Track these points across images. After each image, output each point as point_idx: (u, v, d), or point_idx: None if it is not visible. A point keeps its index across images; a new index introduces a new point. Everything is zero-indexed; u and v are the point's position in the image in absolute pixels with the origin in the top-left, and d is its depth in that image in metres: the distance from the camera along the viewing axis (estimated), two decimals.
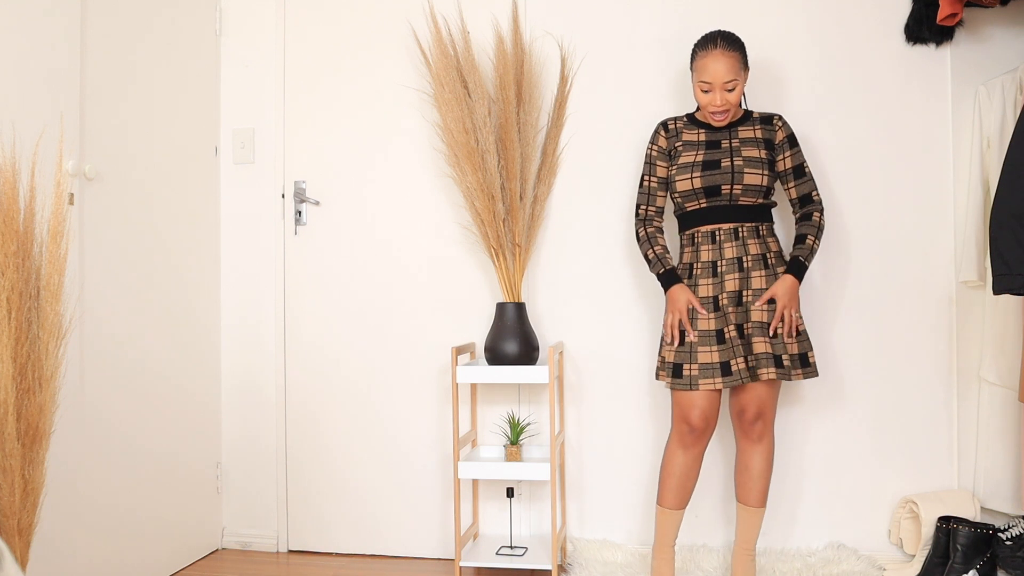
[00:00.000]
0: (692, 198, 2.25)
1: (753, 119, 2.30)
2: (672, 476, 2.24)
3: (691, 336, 2.19)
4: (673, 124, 2.34)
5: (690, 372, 2.19)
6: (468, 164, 2.53)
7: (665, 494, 2.26)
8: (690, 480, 2.25)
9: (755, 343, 2.17)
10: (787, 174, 2.31)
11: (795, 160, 2.30)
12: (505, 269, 2.57)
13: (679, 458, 2.23)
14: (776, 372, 2.15)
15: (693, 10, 2.65)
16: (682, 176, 2.25)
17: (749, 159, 2.22)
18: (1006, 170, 1.91)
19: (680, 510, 2.26)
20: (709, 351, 2.18)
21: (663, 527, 2.28)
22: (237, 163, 2.95)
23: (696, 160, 2.24)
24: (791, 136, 2.30)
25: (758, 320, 2.17)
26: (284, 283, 2.91)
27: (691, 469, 2.24)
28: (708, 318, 2.20)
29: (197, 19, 2.83)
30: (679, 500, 2.25)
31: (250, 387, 2.92)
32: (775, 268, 2.23)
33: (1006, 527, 2.32)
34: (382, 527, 2.81)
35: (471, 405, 2.72)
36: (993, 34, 2.48)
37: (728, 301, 2.20)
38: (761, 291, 2.20)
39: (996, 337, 2.34)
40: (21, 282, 1.75)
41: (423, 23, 2.81)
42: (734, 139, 2.25)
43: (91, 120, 2.31)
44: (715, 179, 2.21)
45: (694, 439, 2.21)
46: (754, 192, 2.22)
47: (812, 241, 2.25)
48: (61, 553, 2.17)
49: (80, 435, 2.24)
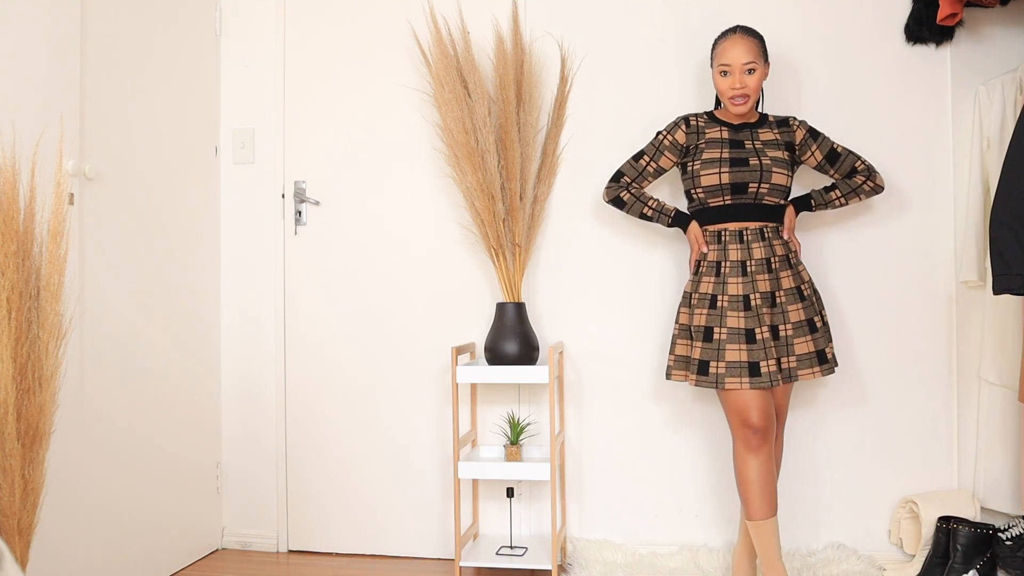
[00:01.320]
0: (717, 194, 2.23)
1: (770, 122, 2.31)
2: (752, 484, 2.12)
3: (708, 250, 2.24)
4: (695, 120, 2.32)
5: (716, 370, 2.15)
6: (468, 164, 2.53)
7: (752, 506, 2.12)
8: (770, 483, 2.12)
9: (797, 343, 2.17)
10: (823, 165, 2.33)
11: (823, 149, 2.31)
12: (505, 269, 2.57)
13: (752, 463, 2.12)
14: (822, 369, 2.18)
15: (693, 10, 2.65)
16: (708, 171, 2.22)
17: (776, 159, 2.23)
18: (1006, 170, 1.91)
19: (773, 517, 2.12)
20: (738, 349, 2.14)
21: (764, 541, 2.12)
22: (237, 163, 2.95)
23: (723, 156, 2.23)
24: (811, 130, 2.32)
25: (797, 320, 2.18)
26: (284, 283, 2.91)
27: (767, 471, 2.12)
28: (739, 316, 2.17)
29: (197, 19, 2.83)
30: (768, 507, 2.11)
31: (250, 387, 2.92)
32: (797, 267, 2.24)
33: (1006, 527, 2.32)
34: (382, 527, 2.81)
35: (471, 405, 2.72)
36: (993, 34, 2.48)
37: (761, 301, 2.17)
38: (792, 290, 2.20)
39: (996, 337, 2.34)
40: (21, 282, 1.75)
41: (423, 23, 2.81)
42: (756, 140, 2.26)
43: (91, 120, 2.31)
44: (743, 176, 2.20)
45: (759, 440, 2.11)
46: (779, 192, 2.23)
47: (835, 194, 2.32)
48: (61, 553, 2.17)
49: (80, 435, 2.24)
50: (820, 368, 2.18)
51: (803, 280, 2.23)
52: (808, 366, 2.17)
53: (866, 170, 2.33)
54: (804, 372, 2.17)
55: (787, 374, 2.17)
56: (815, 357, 2.18)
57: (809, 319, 2.19)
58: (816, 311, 2.22)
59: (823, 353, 2.19)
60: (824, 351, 2.19)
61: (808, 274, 2.27)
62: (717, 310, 2.18)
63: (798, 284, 2.22)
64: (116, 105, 2.41)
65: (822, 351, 2.19)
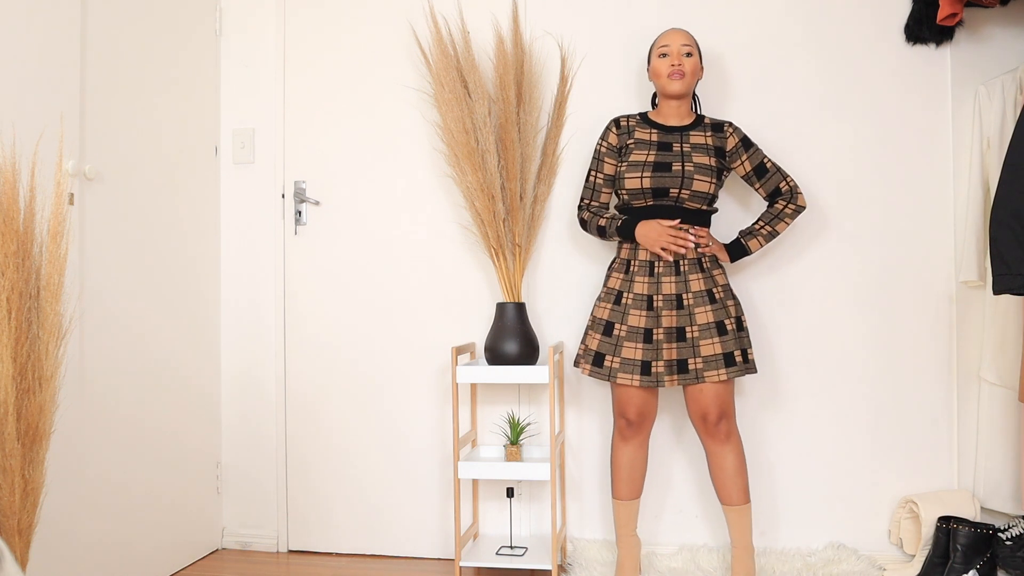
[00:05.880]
0: (639, 197, 2.27)
1: (704, 124, 2.33)
2: (621, 469, 2.34)
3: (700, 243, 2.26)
4: (626, 121, 2.37)
5: (611, 364, 2.26)
6: (468, 164, 2.53)
7: (618, 486, 2.36)
8: (637, 471, 2.35)
9: (703, 345, 2.21)
10: (750, 176, 2.34)
11: (753, 161, 2.33)
12: (505, 269, 2.57)
13: (622, 451, 2.33)
14: (728, 372, 2.20)
15: (693, 10, 2.65)
16: (632, 174, 2.27)
17: (699, 166, 2.25)
18: (1006, 170, 1.91)
19: (635, 500, 2.36)
20: (634, 347, 2.24)
21: (621, 518, 2.37)
22: (237, 163, 2.95)
23: (647, 160, 2.26)
24: (744, 139, 2.33)
25: (704, 322, 2.22)
26: (284, 284, 2.91)
27: (636, 459, 2.34)
28: (640, 315, 2.24)
29: (197, 19, 2.83)
30: (632, 491, 2.36)
31: (251, 387, 2.92)
32: (711, 271, 2.27)
33: (1006, 527, 2.32)
34: (382, 527, 2.81)
35: (471, 405, 2.72)
36: (993, 34, 2.48)
37: (664, 303, 2.23)
38: (701, 293, 2.24)
39: (996, 337, 2.34)
40: (21, 282, 1.75)
41: (423, 23, 2.81)
42: (685, 143, 2.28)
43: (91, 120, 2.31)
44: (664, 181, 2.24)
45: (632, 432, 2.31)
46: (700, 198, 2.26)
47: (759, 225, 2.32)
48: (61, 553, 2.17)
49: (80, 435, 2.24)
50: (727, 370, 2.20)
51: (716, 284, 2.26)
52: (714, 367, 2.20)
53: (789, 192, 2.33)
54: (710, 373, 2.20)
55: (693, 375, 2.21)
56: (722, 359, 2.20)
57: (719, 321, 2.22)
58: (728, 315, 2.24)
59: (731, 355, 2.21)
60: (732, 354, 2.21)
61: (725, 279, 2.29)
62: (621, 307, 2.26)
63: (709, 287, 2.25)
64: (116, 105, 2.41)
65: (730, 353, 2.21)
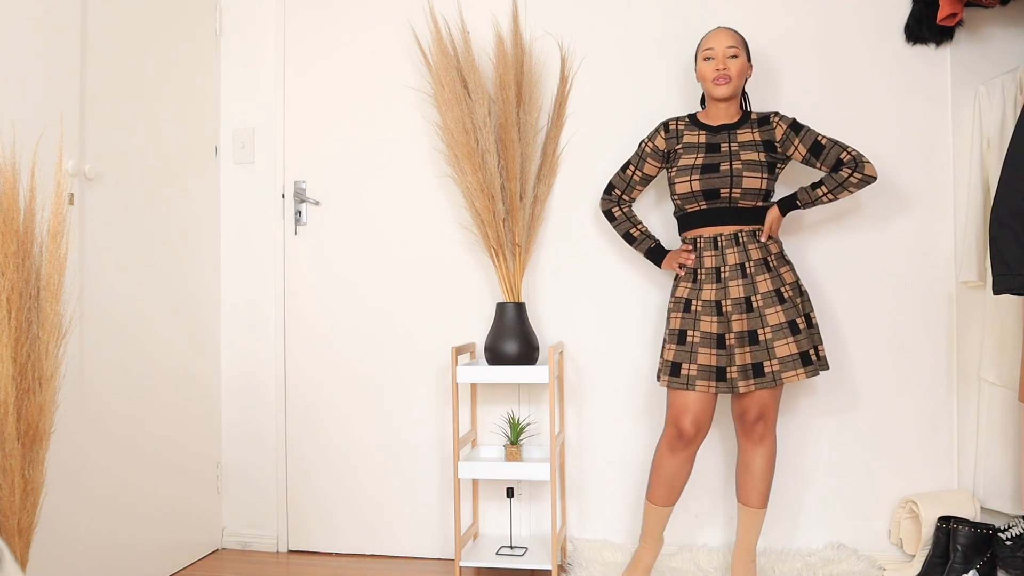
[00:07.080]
0: (691, 200, 2.26)
1: (751, 121, 2.30)
2: (661, 477, 2.27)
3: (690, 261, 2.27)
4: (675, 125, 2.35)
5: (688, 372, 2.20)
6: (468, 164, 2.53)
7: (655, 491, 2.29)
8: (679, 480, 2.27)
9: (778, 346, 2.17)
10: (808, 159, 2.28)
11: (807, 142, 2.26)
12: (505, 269, 2.57)
13: (667, 461, 2.26)
14: (806, 372, 2.16)
15: (693, 10, 2.65)
16: (681, 179, 2.26)
17: (748, 163, 2.22)
18: (1006, 170, 1.91)
19: (670, 507, 2.30)
20: (708, 353, 2.19)
21: (652, 521, 2.31)
22: (237, 163, 2.95)
23: (696, 163, 2.25)
24: (792, 124, 2.28)
25: (776, 322, 2.17)
26: (284, 284, 2.91)
27: (681, 471, 2.26)
28: (711, 320, 2.20)
29: (197, 19, 2.83)
30: (668, 498, 2.29)
31: (251, 387, 2.92)
32: (778, 269, 2.23)
33: (1006, 527, 2.32)
34: (382, 527, 2.81)
35: (471, 405, 2.72)
36: (993, 34, 2.48)
37: (733, 308, 2.19)
38: (769, 293, 2.19)
39: (996, 337, 2.34)
40: (21, 282, 1.75)
41: (423, 23, 2.81)
42: (733, 142, 2.26)
43: (91, 120, 2.31)
44: (714, 183, 2.22)
45: (683, 444, 2.23)
46: (753, 195, 2.23)
47: (822, 191, 2.23)
48: (61, 553, 2.17)
49: (80, 435, 2.24)
50: (804, 370, 2.17)
51: (784, 282, 2.22)
52: (792, 368, 2.16)
53: (852, 161, 2.22)
54: (788, 374, 2.16)
55: (770, 377, 2.17)
56: (798, 359, 2.17)
57: (791, 321, 2.18)
58: (799, 312, 2.20)
59: (807, 355, 2.18)
60: (808, 353, 2.18)
61: (793, 275, 2.23)
62: (691, 313, 2.23)
63: (777, 287, 2.21)
64: (116, 105, 2.41)
65: (806, 352, 2.18)
